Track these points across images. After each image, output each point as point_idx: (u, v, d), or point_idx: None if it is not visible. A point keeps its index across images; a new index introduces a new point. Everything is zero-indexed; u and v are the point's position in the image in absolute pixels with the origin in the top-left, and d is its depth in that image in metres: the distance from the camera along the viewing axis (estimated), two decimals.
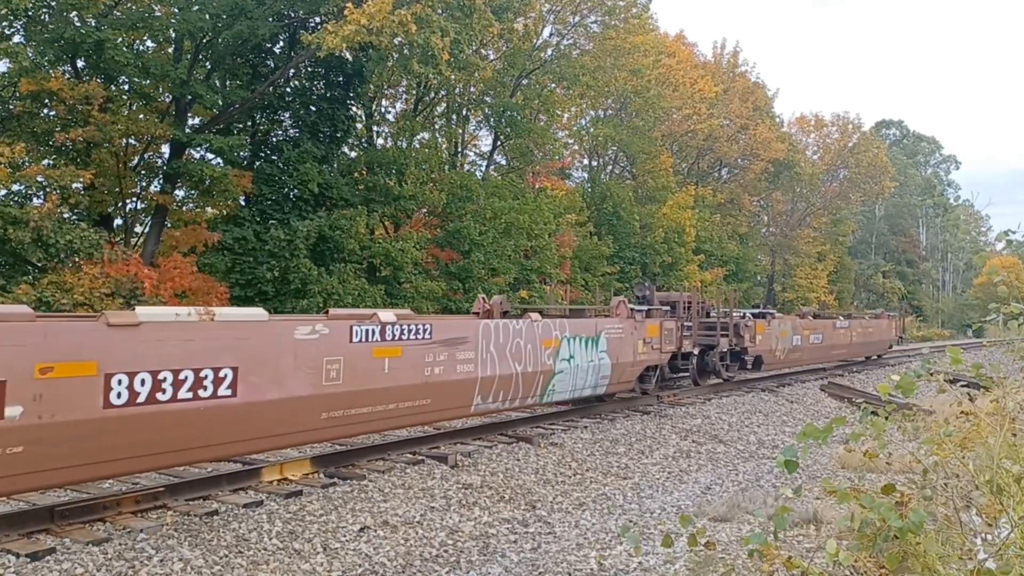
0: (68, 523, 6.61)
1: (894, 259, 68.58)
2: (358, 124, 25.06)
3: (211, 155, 20.47)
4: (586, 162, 38.82)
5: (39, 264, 15.82)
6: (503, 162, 32.58)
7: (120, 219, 19.80)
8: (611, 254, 32.60)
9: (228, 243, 19.12)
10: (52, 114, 17.24)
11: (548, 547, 7.55)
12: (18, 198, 16.48)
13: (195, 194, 21.06)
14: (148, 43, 19.29)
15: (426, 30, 17.52)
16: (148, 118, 18.61)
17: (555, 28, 30.11)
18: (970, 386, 5.35)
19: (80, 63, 17.73)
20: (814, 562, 3.73)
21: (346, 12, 16.74)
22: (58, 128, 16.90)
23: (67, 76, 17.01)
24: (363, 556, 6.90)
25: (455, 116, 29.66)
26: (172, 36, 18.84)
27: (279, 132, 22.53)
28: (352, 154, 25.09)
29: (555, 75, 29.35)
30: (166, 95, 19.49)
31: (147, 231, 19.96)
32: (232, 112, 20.37)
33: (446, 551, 7.30)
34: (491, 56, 26.97)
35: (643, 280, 21.61)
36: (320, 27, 18.42)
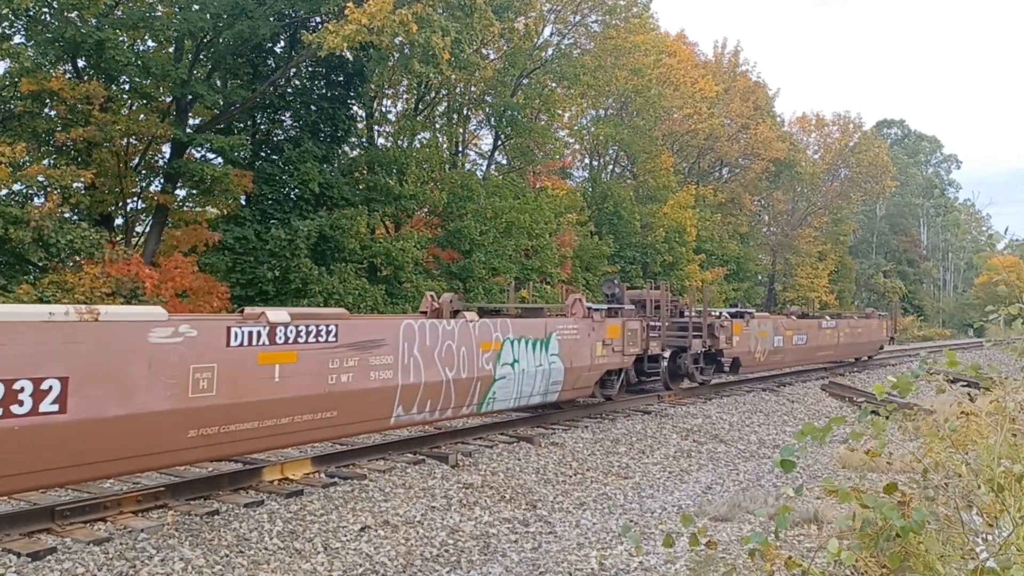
0: (69, 523, 6.61)
1: (895, 259, 68.52)
2: (359, 124, 25.08)
3: (212, 155, 20.48)
4: (587, 161, 38.86)
5: (40, 264, 15.84)
6: (504, 161, 32.61)
7: (121, 219, 19.83)
8: (612, 254, 32.63)
9: (229, 243, 19.14)
10: (53, 114, 17.26)
11: (549, 547, 7.55)
12: (19, 198, 16.53)
13: (196, 194, 21.06)
14: (149, 43, 19.34)
15: (427, 29, 17.54)
16: (149, 118, 18.63)
17: (556, 27, 30.14)
18: (970, 386, 5.36)
19: (81, 63, 17.75)
20: (815, 562, 3.73)
21: (347, 12, 16.76)
22: (59, 128, 16.93)
23: (68, 76, 17.04)
24: (364, 556, 6.90)
25: (456, 115, 29.66)
26: (173, 36, 18.84)
27: (280, 132, 22.55)
28: (353, 154, 25.10)
29: (556, 74, 29.37)
30: (167, 95, 19.50)
31: (148, 231, 20.00)
32: (233, 112, 20.39)
33: (447, 551, 7.30)
34: (492, 55, 26.99)
35: (612, 277, 20.02)
36: (321, 27, 18.42)
